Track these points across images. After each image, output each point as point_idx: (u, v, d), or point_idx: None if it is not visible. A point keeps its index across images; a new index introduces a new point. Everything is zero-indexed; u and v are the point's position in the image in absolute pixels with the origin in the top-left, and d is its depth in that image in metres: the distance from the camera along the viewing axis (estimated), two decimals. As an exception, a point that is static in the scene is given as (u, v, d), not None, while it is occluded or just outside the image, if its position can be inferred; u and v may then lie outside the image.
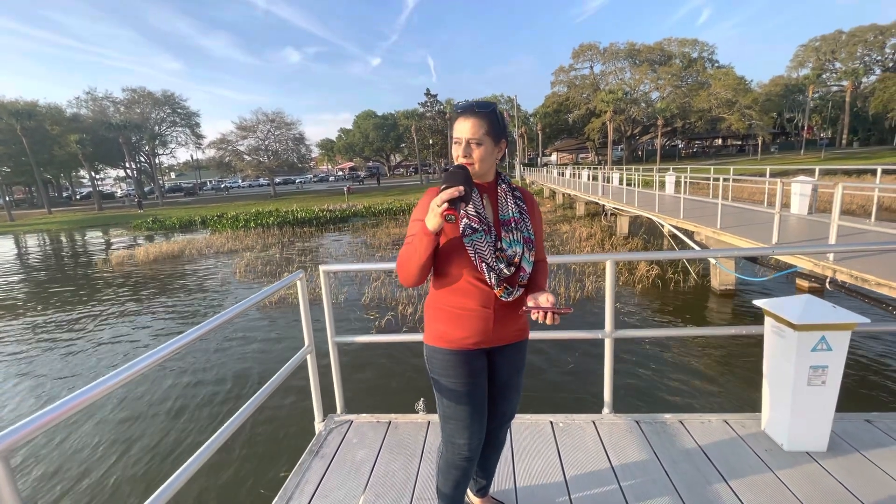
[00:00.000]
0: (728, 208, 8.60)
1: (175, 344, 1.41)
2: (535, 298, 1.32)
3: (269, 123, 44.50)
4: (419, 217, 1.36)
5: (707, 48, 50.28)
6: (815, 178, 9.04)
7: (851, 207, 14.87)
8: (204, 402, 5.47)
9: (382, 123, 62.64)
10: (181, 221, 27.05)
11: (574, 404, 4.88)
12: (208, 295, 10.53)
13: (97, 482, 4.12)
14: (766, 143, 48.94)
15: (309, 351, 2.46)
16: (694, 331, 4.59)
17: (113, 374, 1.19)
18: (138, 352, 7.17)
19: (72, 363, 6.99)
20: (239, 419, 1.72)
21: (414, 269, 1.32)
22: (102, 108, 48.39)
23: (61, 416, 1.02)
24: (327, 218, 23.51)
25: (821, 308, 2.02)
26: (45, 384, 6.28)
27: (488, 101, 1.39)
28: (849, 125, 50.93)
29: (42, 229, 31.02)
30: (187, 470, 1.39)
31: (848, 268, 4.82)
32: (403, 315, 7.88)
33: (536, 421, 2.45)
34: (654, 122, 47.53)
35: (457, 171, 1.25)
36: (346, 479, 2.06)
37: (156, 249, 16.87)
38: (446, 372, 1.46)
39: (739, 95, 42.33)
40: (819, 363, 2.01)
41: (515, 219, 1.42)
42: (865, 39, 48.60)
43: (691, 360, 5.78)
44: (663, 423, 2.39)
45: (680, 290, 8.61)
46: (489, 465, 1.75)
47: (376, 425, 2.50)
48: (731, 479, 1.93)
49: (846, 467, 1.97)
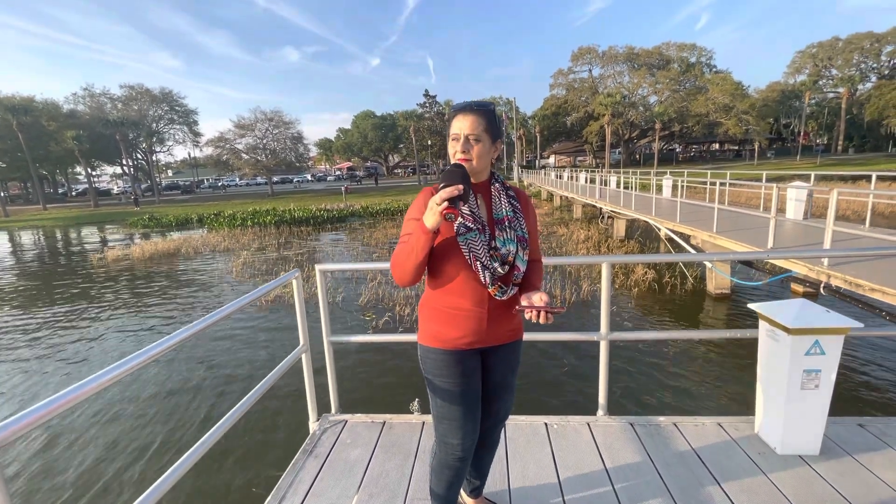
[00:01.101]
0: (724, 213, 8.65)
1: (169, 341, 1.41)
2: (528, 298, 1.32)
3: (267, 122, 44.37)
4: (415, 216, 1.36)
5: (705, 53, 50.62)
6: (810, 184, 9.10)
7: (847, 213, 14.96)
8: (197, 401, 5.44)
9: (381, 124, 62.63)
10: (178, 219, 26.94)
11: (569, 406, 4.88)
12: (204, 293, 10.48)
13: (87, 481, 4.09)
14: (763, 148, 49.23)
15: (304, 350, 2.45)
16: (689, 333, 4.61)
17: (104, 372, 1.18)
18: (131, 350, 7.12)
19: (63, 361, 6.94)
20: (232, 418, 1.72)
21: (410, 268, 1.32)
22: (100, 104, 48.13)
23: (51, 412, 1.01)
24: (325, 217, 23.46)
25: (815, 312, 2.03)
26: (36, 380, 6.23)
27: (487, 101, 1.40)
28: (844, 132, 51.30)
29: (37, 225, 30.80)
30: (179, 469, 1.39)
31: (842, 273, 4.85)
32: (401, 316, 7.87)
33: (531, 422, 2.45)
34: (652, 126, 47.71)
35: (454, 169, 1.26)
36: (340, 479, 2.05)
37: (152, 247, 16.80)
38: (440, 372, 1.46)
39: (737, 100, 42.59)
40: (812, 367, 2.02)
41: (509, 217, 1.42)
42: (862, 47, 48.99)
43: (686, 362, 5.80)
44: (657, 425, 2.40)
45: (676, 293, 8.64)
46: (483, 465, 1.75)
47: (371, 425, 2.50)
48: (725, 482, 1.94)
49: (839, 471, 1.98)
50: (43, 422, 0.99)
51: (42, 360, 6.97)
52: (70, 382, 5.70)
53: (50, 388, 6.03)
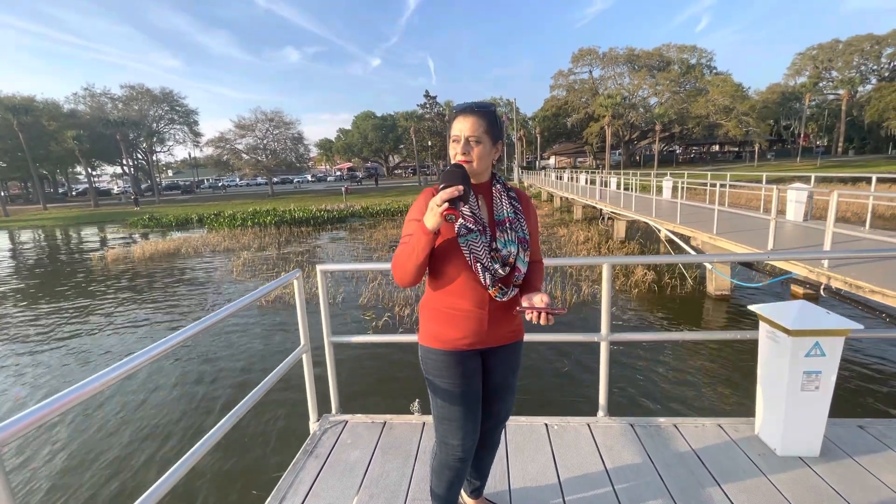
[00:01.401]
0: (724, 214, 8.64)
1: (170, 342, 1.41)
2: (529, 299, 1.32)
3: (267, 122, 44.39)
4: (415, 217, 1.37)
5: (705, 55, 50.67)
6: (810, 186, 9.10)
7: (847, 215, 14.96)
8: (197, 401, 5.44)
9: (381, 124, 62.70)
10: (178, 219, 26.94)
11: (569, 407, 4.88)
12: (204, 293, 10.48)
13: (85, 481, 4.09)
14: (763, 149, 49.26)
15: (305, 350, 2.45)
16: (689, 335, 4.60)
17: (106, 372, 1.18)
18: (130, 350, 7.12)
19: (61, 361, 6.94)
20: (232, 418, 1.72)
21: (410, 269, 1.32)
22: (100, 104, 48.18)
23: (55, 411, 1.01)
24: (325, 218, 23.46)
25: (815, 314, 2.03)
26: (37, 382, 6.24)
27: (488, 102, 1.41)
28: (845, 133, 51.34)
29: (37, 225, 30.81)
30: (179, 469, 1.38)
31: (843, 275, 4.85)
32: (401, 316, 7.87)
33: (531, 423, 2.45)
34: (652, 128, 47.76)
35: (455, 170, 1.26)
36: (340, 480, 2.05)
37: (152, 247, 16.80)
38: (440, 373, 1.46)
39: (737, 102, 42.66)
40: (813, 368, 2.02)
41: (510, 219, 1.42)
42: (862, 49, 49.07)
43: (686, 363, 5.80)
44: (658, 426, 2.40)
45: (676, 294, 8.64)
46: (483, 465, 1.75)
47: (371, 426, 2.50)
48: (725, 483, 1.94)
49: (839, 473, 1.98)
50: (42, 423, 0.99)
51: (39, 356, 6.97)
52: (69, 384, 5.69)
53: (45, 392, 6.03)
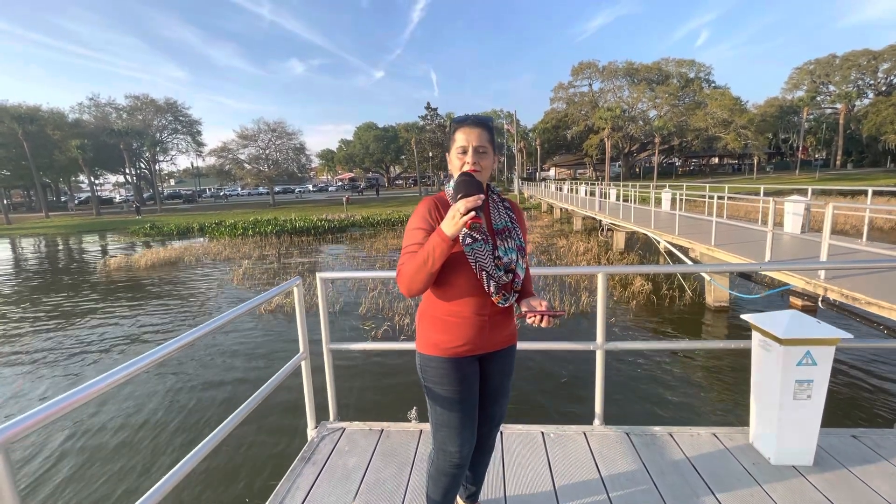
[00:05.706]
0: (722, 226, 8.70)
1: (169, 347, 1.42)
2: (528, 303, 1.37)
3: (270, 133, 44.79)
4: (419, 226, 1.40)
5: (704, 69, 51.22)
6: (808, 198, 9.16)
7: (845, 227, 15.02)
8: (195, 407, 5.43)
9: (383, 135, 63.17)
10: (179, 228, 27.04)
11: (565, 415, 4.88)
12: (205, 301, 10.49)
13: (83, 486, 4.07)
14: (762, 162, 49.59)
15: (303, 357, 2.48)
16: (684, 344, 4.62)
17: (107, 375, 1.20)
18: (130, 356, 7.11)
19: (62, 365, 6.93)
20: (230, 425, 1.73)
21: (423, 277, 1.33)
22: (105, 114, 48.71)
23: (61, 411, 1.04)
24: (325, 228, 23.55)
25: (806, 323, 2.07)
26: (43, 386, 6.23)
27: (488, 116, 1.47)
28: (843, 147, 51.69)
29: (39, 233, 30.91)
30: (175, 475, 1.39)
31: (839, 286, 4.88)
32: (400, 326, 7.87)
33: (528, 431, 2.47)
34: (652, 140, 48.11)
35: (469, 179, 1.30)
36: (337, 487, 2.06)
37: (153, 255, 16.83)
38: (440, 380, 1.49)
39: (735, 115, 43.01)
40: (804, 377, 2.04)
41: (508, 227, 1.48)
42: (859, 64, 49.68)
43: (682, 373, 5.79)
44: (653, 435, 2.41)
45: (675, 306, 8.64)
46: (479, 470, 1.77)
47: (368, 433, 2.51)
48: (719, 492, 1.95)
49: (832, 482, 1.99)
50: (52, 420, 1.02)
51: (39, 364, 6.96)
52: (69, 387, 5.69)
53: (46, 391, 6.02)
